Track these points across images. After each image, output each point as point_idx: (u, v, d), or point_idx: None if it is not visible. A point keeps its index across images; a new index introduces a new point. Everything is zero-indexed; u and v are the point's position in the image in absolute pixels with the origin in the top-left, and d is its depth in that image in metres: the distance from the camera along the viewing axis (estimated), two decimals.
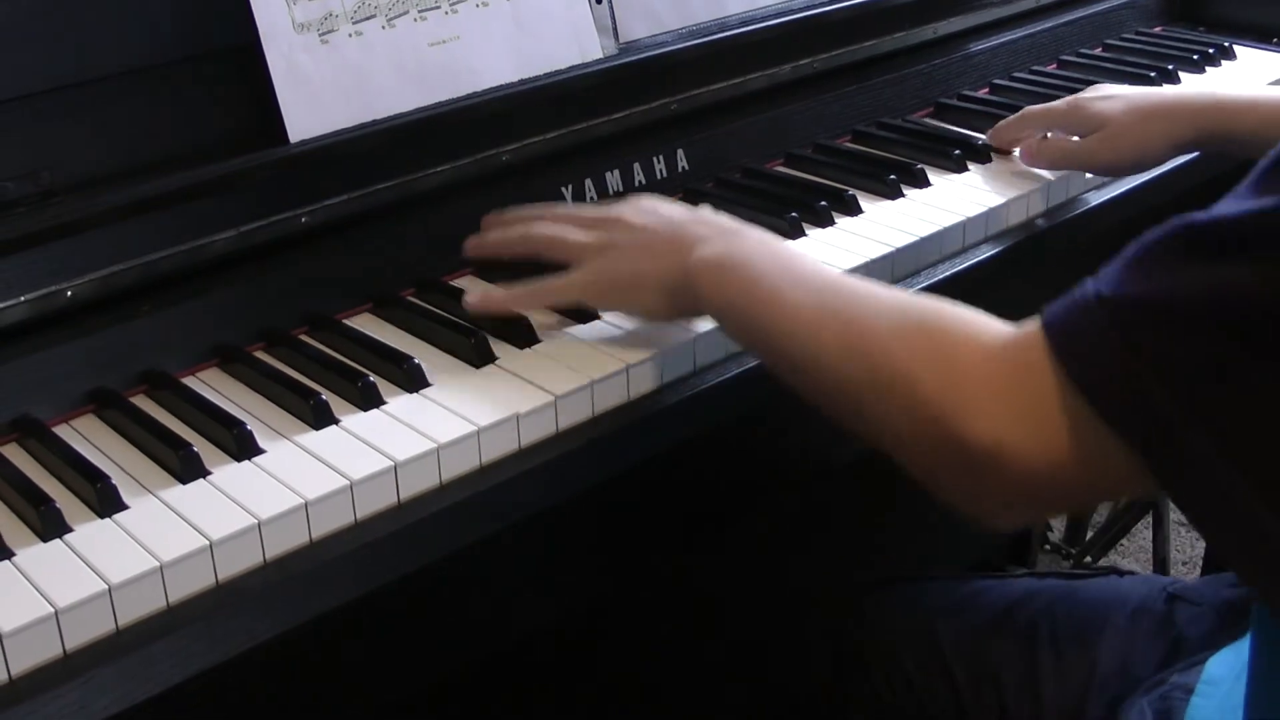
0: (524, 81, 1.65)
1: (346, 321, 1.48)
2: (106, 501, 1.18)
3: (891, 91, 2.04)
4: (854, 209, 1.71)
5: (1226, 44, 2.33)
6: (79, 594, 1.07)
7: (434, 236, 1.56)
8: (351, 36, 1.52)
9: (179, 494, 1.20)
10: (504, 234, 1.49)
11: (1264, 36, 2.38)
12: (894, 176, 1.78)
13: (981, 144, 1.89)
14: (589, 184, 1.68)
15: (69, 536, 1.14)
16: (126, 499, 1.19)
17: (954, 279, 1.62)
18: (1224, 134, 1.70)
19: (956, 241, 1.68)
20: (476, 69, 1.61)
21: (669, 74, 1.78)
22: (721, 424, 1.41)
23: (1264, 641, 1.14)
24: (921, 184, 1.80)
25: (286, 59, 1.47)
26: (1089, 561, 2.85)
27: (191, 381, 1.38)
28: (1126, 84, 2.12)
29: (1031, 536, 2.81)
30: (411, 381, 1.35)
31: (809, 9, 1.93)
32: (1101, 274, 1.01)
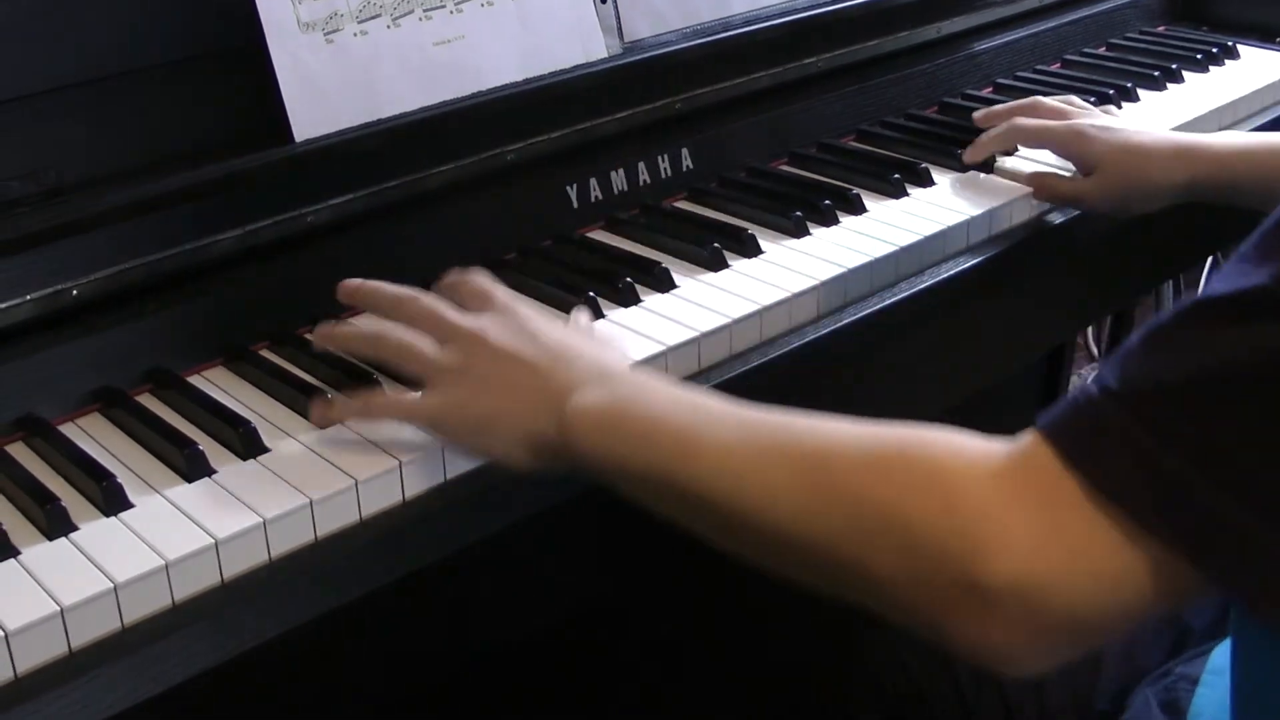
0: (529, 81, 1.65)
1: (352, 321, 1.48)
2: (111, 500, 1.18)
3: (895, 91, 2.04)
4: (858, 208, 1.71)
5: (1230, 43, 2.33)
6: (84, 592, 1.07)
7: (439, 235, 1.56)
8: (357, 36, 1.52)
9: (184, 492, 1.20)
10: (354, 334, 1.32)
11: (1267, 36, 2.38)
12: (898, 176, 1.78)
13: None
14: (593, 183, 1.68)
15: (74, 535, 1.15)
16: (132, 497, 1.19)
17: (957, 278, 1.62)
18: (1221, 182, 1.66)
19: (960, 240, 1.68)
20: (481, 68, 1.61)
21: (673, 73, 1.78)
22: None
23: (1242, 643, 1.13)
24: (925, 183, 1.80)
25: (292, 58, 1.47)
26: None
27: (196, 380, 1.38)
28: (1130, 83, 2.13)
29: None
30: (416, 382, 1.35)
31: (813, 8, 1.93)
32: (1103, 374, 0.93)
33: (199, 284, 1.41)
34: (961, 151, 1.85)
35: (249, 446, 1.25)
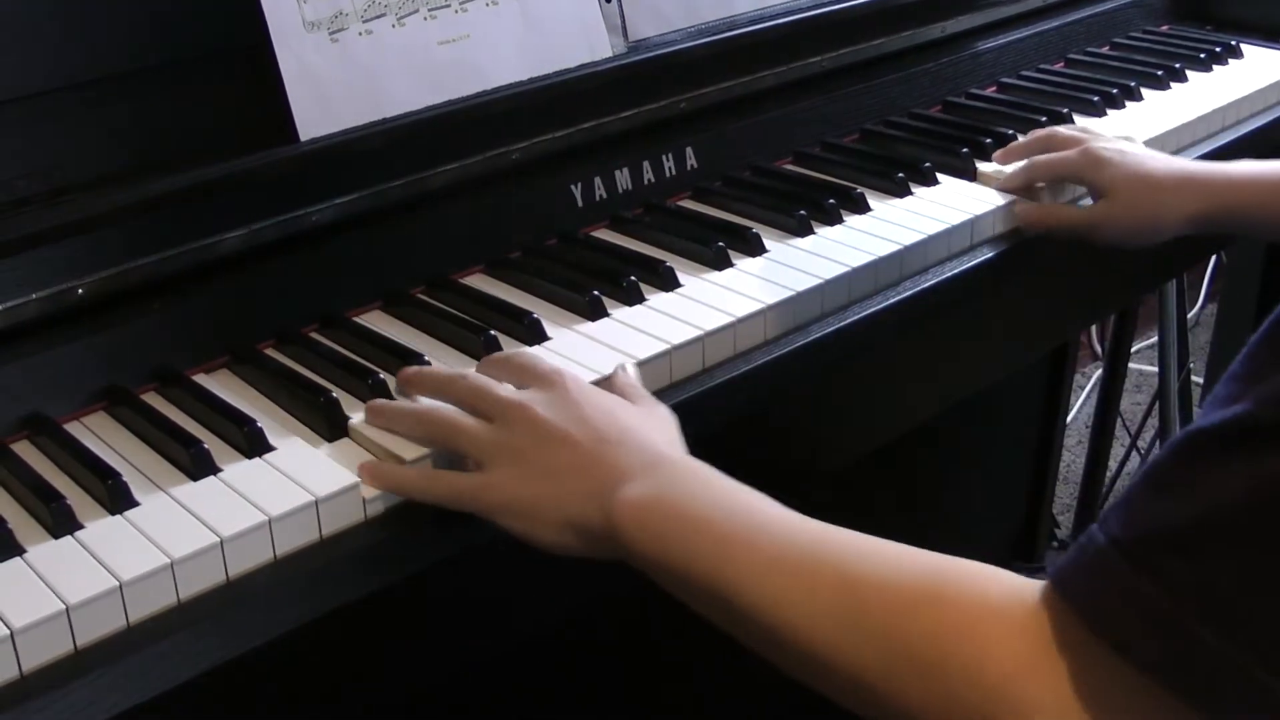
0: (533, 80, 1.65)
1: (357, 319, 1.49)
2: (117, 498, 1.18)
3: (900, 90, 2.04)
4: (862, 207, 1.72)
5: (1233, 42, 2.33)
6: (90, 590, 1.07)
7: (444, 234, 1.56)
8: (361, 35, 1.52)
9: (190, 491, 1.20)
10: (403, 412, 1.28)
11: (1271, 35, 2.38)
12: (902, 175, 1.78)
13: (989, 143, 1.89)
14: (598, 182, 1.68)
15: (80, 533, 1.15)
16: (137, 496, 1.19)
17: (961, 277, 1.62)
18: (1234, 210, 1.65)
19: (964, 239, 1.68)
20: (486, 68, 1.62)
21: (678, 73, 1.78)
22: (715, 429, 1.40)
23: None
24: (930, 182, 1.80)
25: (297, 58, 1.47)
26: None
27: (202, 379, 1.39)
28: (1134, 83, 2.13)
29: (1038, 532, 2.82)
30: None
31: (817, 8, 1.93)
32: (1108, 518, 0.91)
33: (204, 283, 1.41)
34: (966, 150, 1.85)
35: (254, 445, 1.26)
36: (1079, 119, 2.03)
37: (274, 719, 1.19)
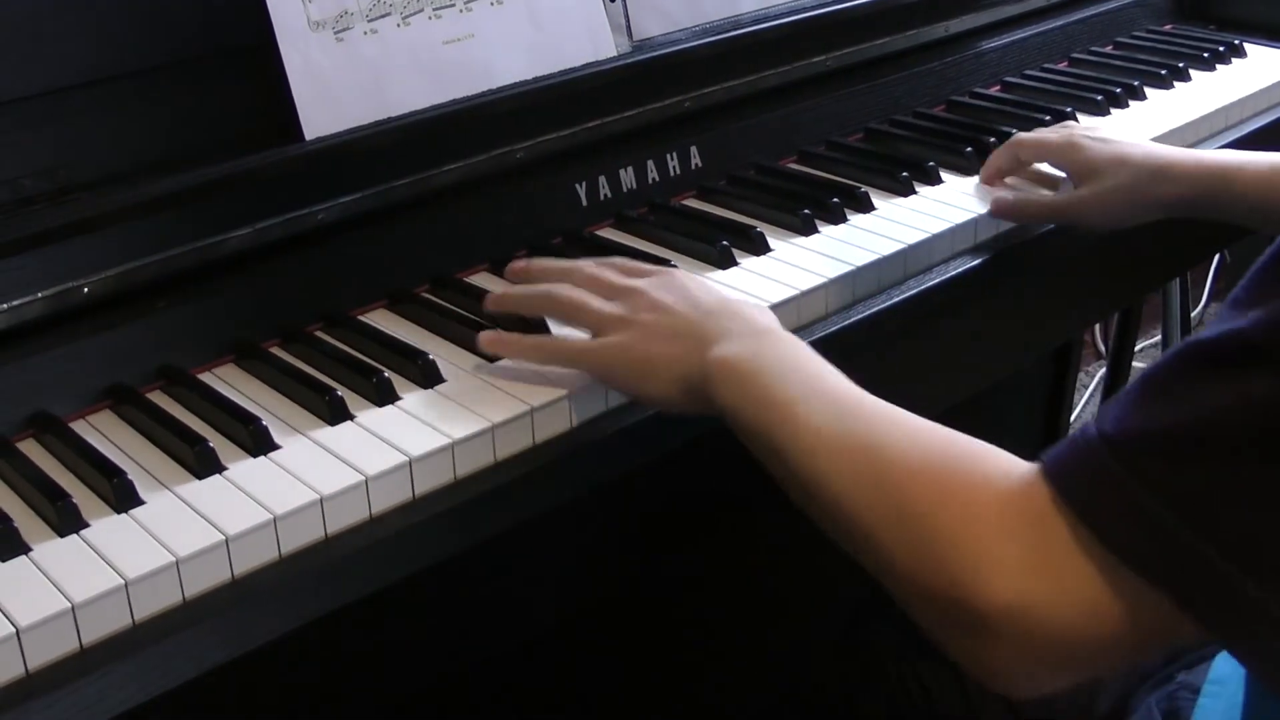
0: (538, 79, 1.65)
1: (362, 318, 1.49)
2: (123, 497, 1.18)
3: (904, 89, 2.04)
4: (866, 206, 1.72)
5: (1236, 42, 2.33)
6: (95, 589, 1.07)
7: (449, 233, 1.57)
8: (366, 34, 1.52)
9: (195, 489, 1.21)
10: (526, 293, 1.42)
11: (1274, 35, 2.38)
12: (906, 173, 1.78)
13: (993, 142, 1.89)
14: (603, 181, 1.68)
15: (85, 532, 1.15)
16: (143, 494, 1.19)
17: (965, 276, 1.62)
18: (1218, 196, 1.65)
19: (968, 238, 1.68)
20: (491, 67, 1.62)
21: (682, 72, 1.78)
22: (718, 426, 1.40)
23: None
24: (934, 181, 1.80)
25: (302, 57, 1.47)
26: None
27: (208, 377, 1.39)
28: (1137, 82, 2.13)
29: None
30: (427, 378, 1.35)
31: (821, 7, 1.94)
32: (1103, 414, 0.97)
33: (210, 282, 1.41)
34: (970, 150, 1.86)
35: (259, 443, 1.26)
36: (1083, 118, 2.03)
37: (278, 717, 1.19)
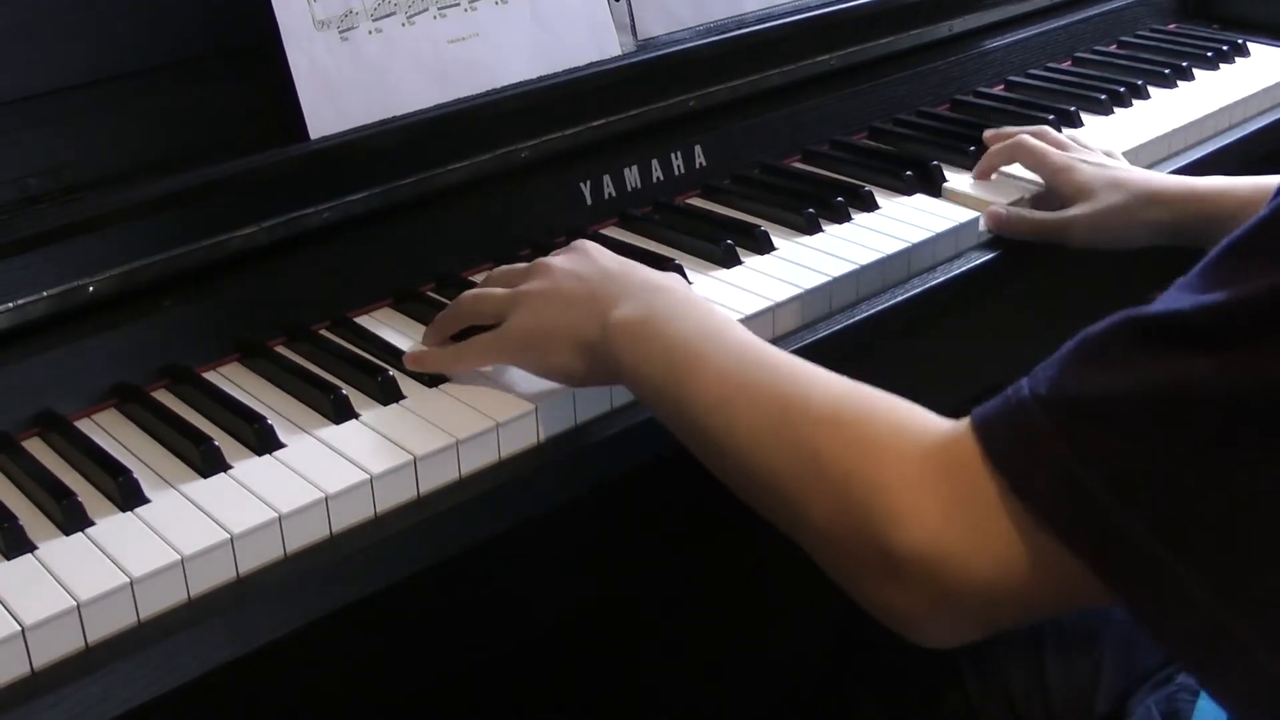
0: (542, 79, 1.66)
1: (367, 317, 1.50)
2: (128, 495, 1.18)
3: (908, 89, 2.04)
4: (870, 205, 1.72)
5: (1240, 41, 2.33)
6: (101, 587, 1.07)
7: (453, 232, 1.57)
8: (371, 34, 1.52)
9: (200, 488, 1.21)
10: (440, 316, 1.40)
11: (1277, 34, 2.38)
12: (910, 173, 1.78)
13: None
14: (607, 180, 1.69)
15: (91, 530, 1.15)
16: (148, 492, 1.20)
17: (969, 275, 1.62)
18: (1205, 223, 1.64)
19: (972, 238, 1.68)
20: (495, 66, 1.62)
21: (686, 71, 1.78)
22: None
23: None
24: (937, 180, 1.80)
25: (307, 56, 1.48)
26: None
27: (212, 376, 1.39)
28: (1141, 81, 2.14)
29: None
30: (431, 376, 1.36)
31: (826, 6, 1.94)
32: (1037, 374, 0.96)
33: (215, 280, 1.42)
34: (974, 149, 1.86)
35: (264, 442, 1.26)
36: (1086, 117, 2.03)
37: (283, 714, 1.19)
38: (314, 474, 1.21)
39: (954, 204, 1.73)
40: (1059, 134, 1.83)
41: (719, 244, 1.59)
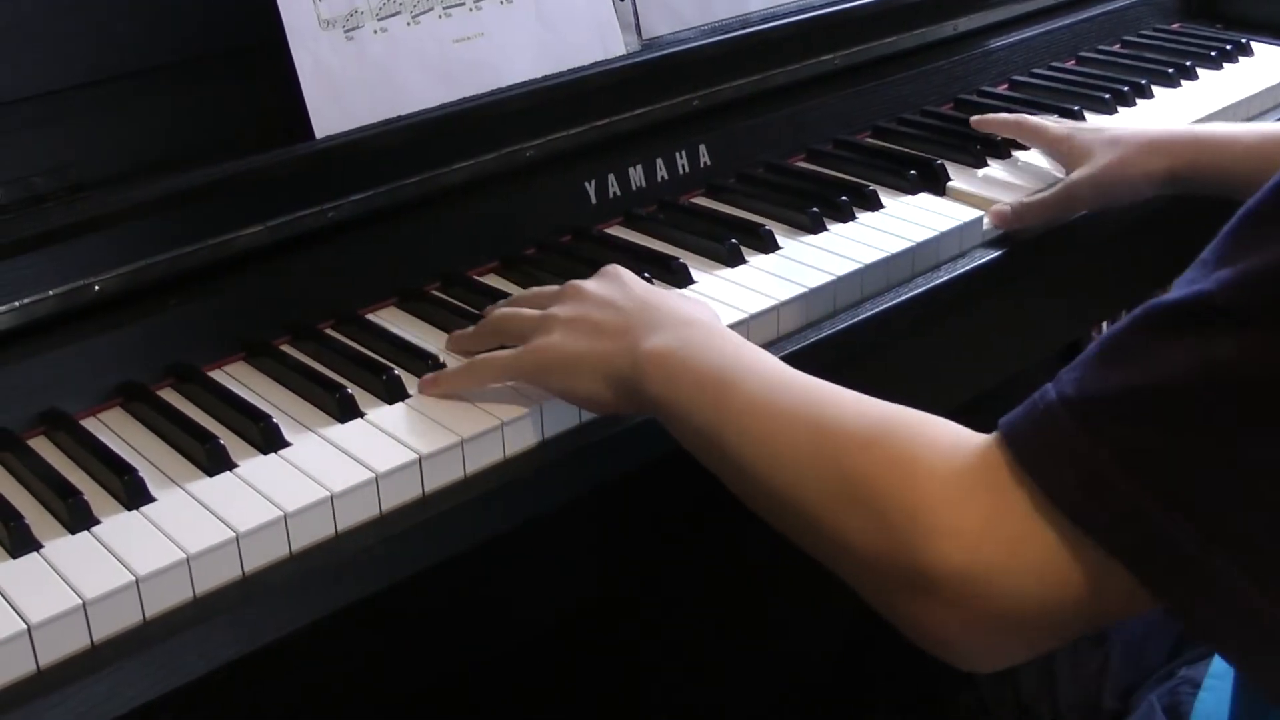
0: (547, 78, 1.66)
1: (372, 316, 1.50)
2: (134, 494, 1.18)
3: (912, 88, 2.04)
4: (874, 204, 1.72)
5: (1243, 40, 2.34)
6: (106, 585, 1.08)
7: (458, 231, 1.57)
8: (376, 33, 1.52)
9: (206, 486, 1.21)
10: (472, 332, 1.41)
11: None
12: (914, 172, 1.78)
13: (1000, 140, 1.89)
14: (611, 179, 1.69)
15: (96, 528, 1.15)
16: (154, 491, 1.20)
17: (973, 274, 1.62)
18: (1206, 169, 1.67)
19: (976, 236, 1.68)
20: (500, 65, 1.62)
21: (691, 70, 1.78)
22: None
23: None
24: (941, 179, 1.80)
25: (312, 56, 1.48)
26: None
27: (218, 375, 1.39)
28: (1144, 80, 2.14)
29: None
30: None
31: (830, 6, 1.94)
32: (1061, 378, 0.94)
33: (221, 279, 1.42)
34: (978, 147, 1.86)
35: (270, 440, 1.26)
36: (1090, 116, 2.03)
37: (288, 713, 1.19)
38: (319, 473, 1.21)
39: (958, 203, 1.73)
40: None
41: (723, 243, 1.59)
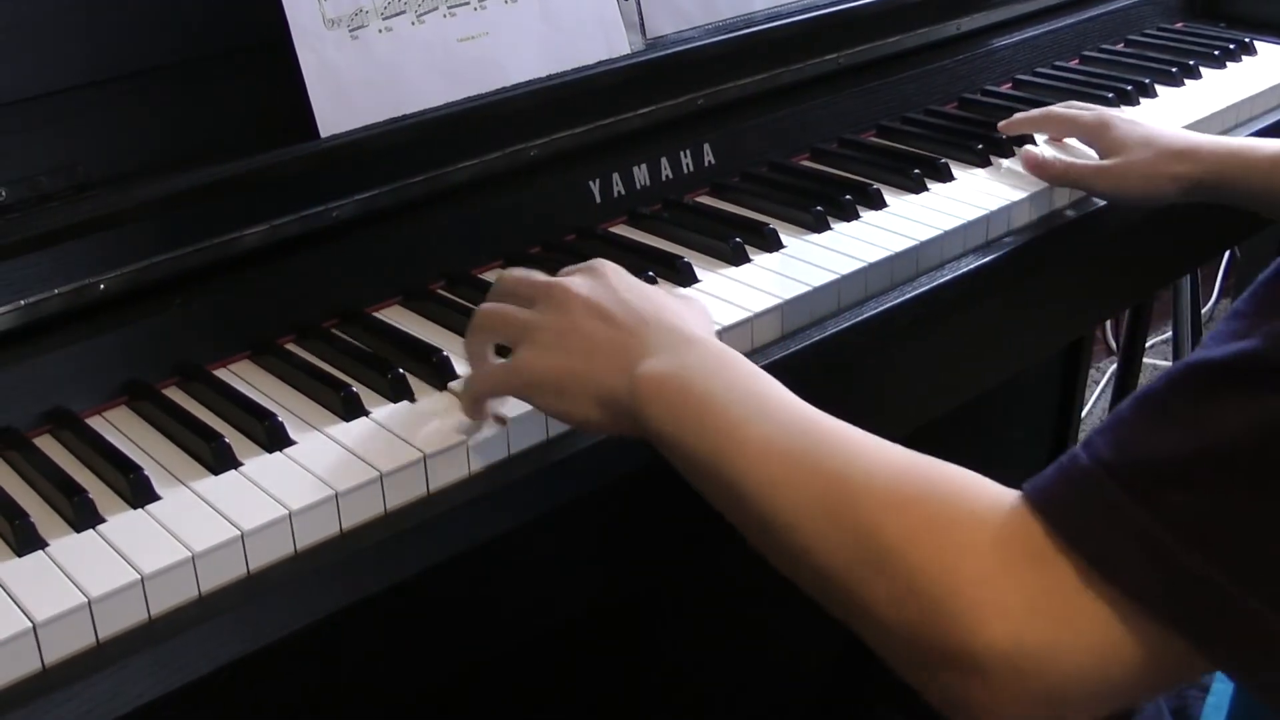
0: (552, 77, 1.66)
1: (376, 314, 1.50)
2: (139, 492, 1.19)
3: (915, 87, 2.04)
4: (878, 203, 1.72)
5: (1247, 40, 2.34)
6: (112, 584, 1.08)
7: (463, 230, 1.57)
8: (381, 33, 1.53)
9: (211, 485, 1.21)
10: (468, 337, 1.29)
11: None
12: (918, 171, 1.79)
13: (1005, 139, 1.89)
14: (616, 178, 1.69)
15: (102, 527, 1.15)
16: (159, 489, 1.20)
17: (977, 273, 1.62)
18: (1233, 181, 1.67)
19: (980, 235, 1.68)
20: (505, 65, 1.62)
21: (695, 69, 1.79)
22: None
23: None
24: (945, 178, 1.80)
25: (317, 55, 1.48)
26: None
27: (223, 373, 1.39)
28: (1148, 79, 2.14)
29: None
30: (440, 375, 1.36)
31: (834, 5, 1.94)
32: (1094, 441, 0.90)
33: (226, 278, 1.42)
34: (982, 146, 1.86)
35: (274, 439, 1.26)
36: None
37: (292, 712, 1.19)
38: (324, 471, 1.21)
39: (962, 202, 1.73)
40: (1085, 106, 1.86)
41: (728, 242, 1.59)
